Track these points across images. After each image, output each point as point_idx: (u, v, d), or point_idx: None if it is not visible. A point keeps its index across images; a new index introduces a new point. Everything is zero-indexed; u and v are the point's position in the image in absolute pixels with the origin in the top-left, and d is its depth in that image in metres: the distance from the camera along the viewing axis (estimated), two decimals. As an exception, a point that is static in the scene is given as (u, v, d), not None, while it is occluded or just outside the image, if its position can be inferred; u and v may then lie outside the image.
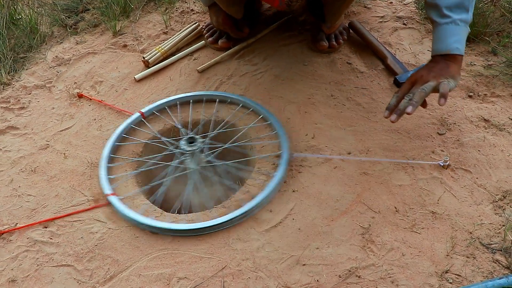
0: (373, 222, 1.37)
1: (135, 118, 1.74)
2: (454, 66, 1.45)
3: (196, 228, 1.38)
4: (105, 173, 1.57)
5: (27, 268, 1.36)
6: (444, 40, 1.45)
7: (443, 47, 1.45)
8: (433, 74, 1.44)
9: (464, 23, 1.44)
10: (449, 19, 1.42)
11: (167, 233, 1.40)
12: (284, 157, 1.52)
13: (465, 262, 1.26)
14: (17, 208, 1.54)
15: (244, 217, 1.40)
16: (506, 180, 1.44)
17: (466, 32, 1.46)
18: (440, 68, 1.45)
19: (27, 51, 2.19)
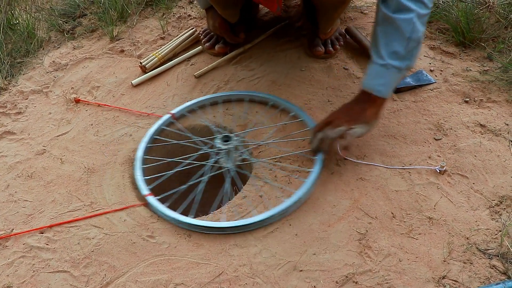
0: (370, 227, 1.37)
1: (165, 119, 1.74)
2: (371, 110, 1.48)
3: (236, 225, 1.38)
4: (140, 174, 1.57)
5: (23, 274, 1.36)
6: (371, 79, 1.47)
7: (368, 85, 1.48)
8: (347, 119, 1.47)
9: (396, 70, 1.44)
10: (383, 61, 1.44)
11: (207, 231, 1.40)
12: (319, 159, 1.53)
13: (462, 268, 1.26)
14: (13, 213, 1.53)
15: (285, 214, 1.40)
16: (502, 186, 1.44)
17: (396, 77, 1.47)
18: (356, 111, 1.48)
19: (24, 56, 2.18)
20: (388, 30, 1.42)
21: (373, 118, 1.49)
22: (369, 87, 1.47)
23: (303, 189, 1.43)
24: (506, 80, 1.75)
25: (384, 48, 1.43)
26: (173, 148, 1.71)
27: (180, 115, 1.77)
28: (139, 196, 1.55)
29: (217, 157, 1.57)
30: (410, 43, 1.41)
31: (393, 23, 1.40)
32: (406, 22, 1.39)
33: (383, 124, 1.65)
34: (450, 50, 1.92)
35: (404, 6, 1.39)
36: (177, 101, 1.83)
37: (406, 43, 1.41)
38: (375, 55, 1.46)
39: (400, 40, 1.41)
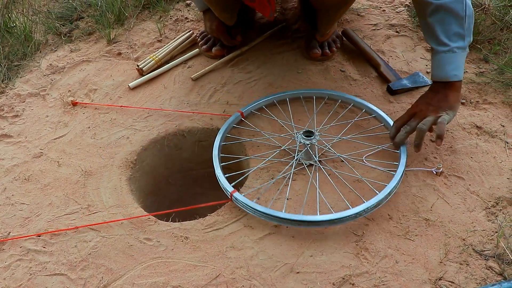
0: (367, 229, 1.37)
1: (235, 118, 1.73)
2: (452, 95, 1.49)
3: (329, 219, 1.36)
4: (221, 172, 1.54)
5: (19, 278, 1.36)
6: (442, 68, 1.49)
7: (442, 74, 1.49)
8: (431, 108, 1.48)
9: (462, 50, 1.47)
10: (447, 47, 1.46)
11: (300, 225, 1.38)
12: (404, 150, 1.53)
13: (458, 269, 1.26)
14: (10, 216, 1.53)
15: (378, 206, 1.40)
16: (498, 187, 1.45)
17: (464, 57, 1.49)
18: (438, 100, 1.49)
19: (21, 59, 2.18)
20: (443, 16, 1.44)
21: (456, 102, 1.51)
22: (444, 76, 1.49)
23: (394, 182, 1.42)
24: (502, 82, 1.76)
25: (444, 35, 1.45)
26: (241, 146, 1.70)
27: (249, 113, 1.76)
28: (136, 199, 1.56)
29: (301, 153, 1.57)
30: (467, 20, 1.45)
31: (447, 8, 1.42)
32: (459, 2, 1.42)
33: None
34: (447, 52, 1.93)
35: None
36: (174, 104, 1.83)
37: (464, 22, 1.44)
38: (436, 44, 1.48)
39: (458, 21, 1.44)
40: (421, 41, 1.99)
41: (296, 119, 1.71)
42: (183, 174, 1.80)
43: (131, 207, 1.51)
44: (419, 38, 2.01)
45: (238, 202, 1.45)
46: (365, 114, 1.70)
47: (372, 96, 1.77)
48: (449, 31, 1.45)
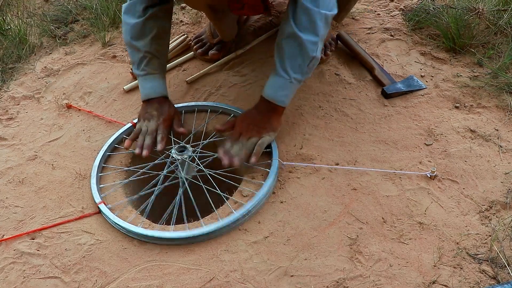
0: (361, 233, 1.37)
1: (126, 128, 1.74)
2: (275, 119, 1.60)
3: (185, 237, 1.38)
4: (94, 182, 1.57)
5: (13, 280, 1.35)
6: (276, 90, 1.56)
7: (272, 95, 1.56)
8: (256, 129, 1.57)
9: (297, 82, 1.53)
10: (287, 76, 1.51)
11: (156, 241, 1.40)
12: (274, 166, 1.53)
13: (452, 273, 1.26)
14: (4, 219, 1.53)
15: (233, 226, 1.41)
16: (492, 191, 1.45)
17: (296, 88, 1.57)
18: (264, 121, 1.58)
19: (16, 62, 2.18)
20: (295, 46, 1.49)
21: (278, 125, 1.61)
22: (272, 98, 1.56)
23: (253, 202, 1.44)
24: (496, 86, 1.76)
25: (290, 63, 1.50)
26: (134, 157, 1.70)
27: None
28: (130, 202, 1.56)
29: (172, 167, 1.58)
30: (313, 62, 1.52)
31: (301, 42, 1.47)
32: (312, 43, 1.47)
33: (374, 129, 1.66)
34: (441, 56, 1.93)
35: (313, 28, 1.46)
36: (169, 107, 1.83)
37: (310, 62, 1.50)
38: (280, 68, 1.52)
39: (305, 58, 1.49)
40: (415, 45, 2.00)
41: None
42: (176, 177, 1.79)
43: (125, 210, 1.51)
44: (413, 42, 2.01)
45: (103, 213, 1.48)
46: None
47: (367, 100, 1.77)
48: (295, 62, 1.50)
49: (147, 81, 1.69)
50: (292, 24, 1.47)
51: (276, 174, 1.52)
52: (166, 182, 1.56)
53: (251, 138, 1.55)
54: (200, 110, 1.80)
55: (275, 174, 1.51)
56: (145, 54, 1.66)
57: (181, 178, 1.55)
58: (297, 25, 1.46)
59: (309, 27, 1.46)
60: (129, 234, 1.43)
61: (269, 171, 1.53)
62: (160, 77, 1.71)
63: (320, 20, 1.45)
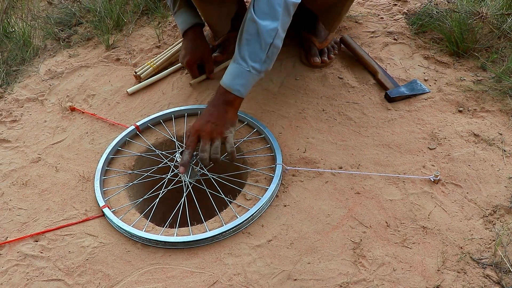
0: (364, 237, 1.37)
1: (129, 131, 1.74)
2: (231, 111, 1.54)
3: (188, 241, 1.39)
4: (98, 185, 1.57)
5: (16, 283, 1.36)
6: (232, 78, 1.52)
7: (228, 83, 1.52)
8: (216, 129, 1.51)
9: (256, 72, 1.49)
10: (244, 63, 1.48)
11: (160, 245, 1.40)
12: (278, 171, 1.53)
13: (456, 277, 1.26)
14: (8, 221, 1.53)
15: (237, 230, 1.41)
16: (496, 195, 1.45)
17: (254, 79, 1.53)
18: (220, 117, 1.52)
19: (20, 64, 2.19)
20: (253, 33, 1.46)
21: (235, 118, 1.55)
22: (229, 86, 1.51)
23: (257, 206, 1.44)
24: (500, 90, 1.76)
25: (247, 51, 1.47)
26: (137, 160, 1.71)
27: (145, 127, 1.78)
28: (133, 204, 1.56)
29: (176, 170, 1.58)
30: (272, 49, 1.47)
31: (258, 28, 1.45)
32: (271, 30, 1.45)
33: (377, 133, 1.66)
34: (444, 60, 1.93)
35: (271, 14, 1.44)
36: (172, 110, 1.83)
37: (267, 48, 1.47)
38: (238, 55, 1.49)
39: (263, 45, 1.46)
40: (419, 49, 2.00)
41: None
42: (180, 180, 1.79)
43: (128, 213, 1.51)
44: (417, 45, 2.01)
45: (107, 217, 1.48)
46: (255, 134, 1.71)
47: (370, 103, 1.77)
48: (252, 49, 1.47)
49: (179, 16, 1.84)
50: (251, 10, 1.46)
51: (279, 179, 1.52)
52: (170, 186, 1.56)
53: (214, 141, 1.50)
54: None
55: (278, 179, 1.51)
56: None
57: (185, 182, 1.54)
58: (255, 10, 1.45)
59: (268, 12, 1.44)
60: (133, 238, 1.43)
61: (272, 176, 1.53)
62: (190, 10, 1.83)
63: (279, 5, 1.43)
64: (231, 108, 1.53)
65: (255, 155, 1.65)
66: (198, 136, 1.51)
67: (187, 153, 1.50)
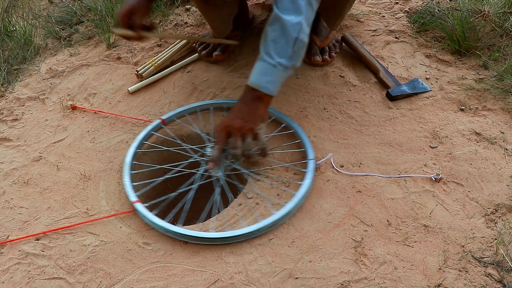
0: (366, 235, 1.37)
1: (155, 124, 1.74)
2: (261, 108, 1.50)
3: (225, 236, 1.37)
4: (128, 180, 1.56)
5: (18, 281, 1.36)
6: (259, 76, 1.49)
7: (255, 81, 1.49)
8: (247, 126, 1.47)
9: (283, 68, 1.47)
10: (270, 59, 1.46)
11: (196, 241, 1.39)
12: (311, 166, 1.53)
13: (457, 276, 1.26)
14: (9, 220, 1.53)
15: (273, 227, 1.40)
16: (498, 194, 1.45)
17: (282, 76, 1.49)
18: (250, 113, 1.49)
19: (21, 63, 2.19)
20: (278, 29, 1.45)
21: (265, 115, 1.53)
22: (256, 84, 1.49)
23: (293, 202, 1.43)
24: (502, 89, 1.76)
25: (273, 47, 1.46)
26: (163, 154, 1.70)
27: (171, 120, 1.78)
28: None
29: (204, 166, 1.57)
30: (297, 43, 1.45)
31: (283, 23, 1.44)
32: (295, 24, 1.43)
33: (379, 132, 1.66)
34: (446, 58, 1.93)
35: (294, 8, 1.43)
36: (173, 108, 1.83)
37: (293, 43, 1.45)
38: (264, 52, 1.48)
39: (288, 40, 1.44)
40: (420, 47, 1.99)
41: None
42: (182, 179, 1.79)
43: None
44: (418, 44, 2.01)
45: (139, 213, 1.47)
46: (284, 129, 1.70)
47: (372, 102, 1.77)
48: (278, 45, 1.46)
49: None
50: (274, 8, 1.46)
51: (313, 174, 1.51)
52: (200, 181, 1.55)
53: (245, 137, 1.49)
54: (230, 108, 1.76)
55: (312, 174, 1.51)
56: None
57: (214, 177, 1.54)
58: (278, 7, 1.45)
59: (291, 7, 1.43)
60: (167, 234, 1.42)
61: (305, 171, 1.52)
62: None
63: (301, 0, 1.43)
64: (262, 105, 1.50)
65: (284, 150, 1.64)
66: (227, 132, 1.49)
67: (216, 148, 1.49)
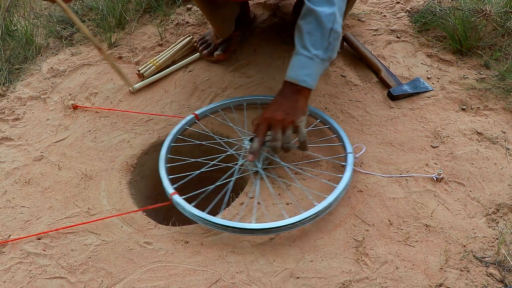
0: (367, 235, 1.37)
1: (189, 119, 1.73)
2: (301, 101, 1.49)
3: (267, 228, 1.36)
4: (165, 173, 1.54)
5: (19, 280, 1.36)
6: (296, 70, 1.49)
7: (293, 75, 1.49)
8: (288, 118, 1.46)
9: (320, 60, 1.46)
10: (307, 52, 1.46)
11: (237, 232, 1.38)
12: (350, 159, 1.52)
13: (459, 276, 1.26)
14: (11, 219, 1.53)
15: (315, 218, 1.39)
16: (499, 193, 1.45)
17: (320, 69, 1.49)
18: (291, 106, 1.48)
19: (23, 62, 2.19)
20: (312, 22, 1.45)
21: (305, 107, 1.51)
22: (295, 78, 1.48)
23: (334, 195, 1.42)
24: (503, 88, 1.76)
25: (309, 39, 1.45)
26: (194, 148, 1.70)
27: (204, 115, 1.77)
28: (136, 202, 1.56)
29: (244, 159, 1.56)
30: (332, 34, 1.45)
31: (316, 15, 1.43)
32: (329, 14, 1.43)
33: (380, 131, 1.66)
34: (447, 57, 1.93)
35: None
36: (174, 108, 1.83)
37: (328, 35, 1.44)
38: (299, 45, 1.47)
39: (323, 31, 1.44)
40: (422, 47, 1.99)
41: (250, 125, 1.68)
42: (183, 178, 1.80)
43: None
44: (420, 43, 2.01)
45: (177, 204, 1.45)
46: (319, 124, 1.69)
47: (373, 102, 1.77)
48: (314, 37, 1.45)
49: None
50: (306, 2, 1.45)
51: (352, 168, 1.51)
52: (236, 174, 1.54)
53: (286, 129, 1.47)
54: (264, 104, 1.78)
55: (352, 167, 1.50)
56: None
57: (251, 171, 1.54)
58: (310, 1, 1.45)
59: None
60: (208, 225, 1.40)
61: (345, 165, 1.52)
62: None
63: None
64: (302, 98, 1.49)
65: (321, 144, 1.64)
66: (268, 124, 1.48)
67: (257, 141, 1.48)
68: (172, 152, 1.65)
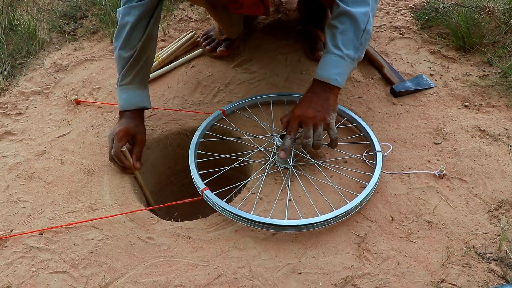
0: (369, 231, 1.37)
1: (216, 115, 1.73)
2: (332, 99, 1.50)
3: (300, 224, 1.36)
4: (195, 168, 1.54)
5: (22, 275, 1.36)
6: (327, 69, 1.49)
7: (324, 74, 1.49)
8: (319, 115, 1.47)
9: (350, 60, 1.47)
10: (339, 51, 1.46)
11: (269, 228, 1.38)
12: (379, 157, 1.53)
13: (460, 272, 1.26)
14: (13, 214, 1.53)
15: (346, 216, 1.39)
16: (501, 190, 1.45)
17: (349, 68, 1.50)
18: (321, 104, 1.49)
19: (25, 57, 2.19)
20: (345, 22, 1.45)
21: (336, 104, 1.52)
22: (326, 77, 1.49)
23: (365, 192, 1.42)
24: (506, 85, 1.76)
25: (341, 39, 1.46)
26: (224, 144, 1.70)
27: (231, 112, 1.77)
28: (138, 197, 1.56)
29: (275, 157, 1.57)
30: (364, 34, 1.46)
31: (351, 16, 1.44)
32: (363, 14, 1.44)
33: (383, 128, 1.66)
34: (450, 54, 1.93)
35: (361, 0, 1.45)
36: (177, 103, 1.83)
37: (361, 35, 1.46)
38: (331, 45, 1.48)
39: (356, 32, 1.45)
40: (425, 44, 1.99)
41: (277, 122, 1.69)
42: (186, 174, 1.80)
43: (133, 206, 1.51)
44: (423, 40, 2.01)
45: (208, 200, 1.45)
46: (346, 122, 1.69)
47: (375, 98, 1.77)
48: (346, 37, 1.46)
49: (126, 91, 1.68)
50: (339, 3, 1.45)
51: (381, 166, 1.51)
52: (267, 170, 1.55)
53: (318, 127, 1.47)
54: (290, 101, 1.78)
55: (381, 165, 1.50)
56: None
57: (280, 167, 1.55)
58: (344, 2, 1.45)
59: (357, 0, 1.45)
60: (240, 221, 1.40)
61: (372, 163, 1.53)
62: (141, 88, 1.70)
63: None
64: (332, 96, 1.50)
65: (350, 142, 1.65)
66: (299, 122, 1.49)
67: (289, 138, 1.49)
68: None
